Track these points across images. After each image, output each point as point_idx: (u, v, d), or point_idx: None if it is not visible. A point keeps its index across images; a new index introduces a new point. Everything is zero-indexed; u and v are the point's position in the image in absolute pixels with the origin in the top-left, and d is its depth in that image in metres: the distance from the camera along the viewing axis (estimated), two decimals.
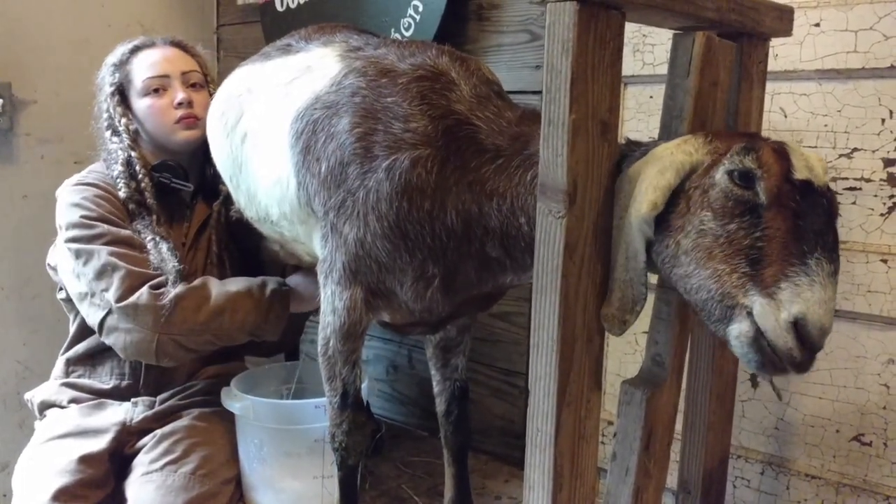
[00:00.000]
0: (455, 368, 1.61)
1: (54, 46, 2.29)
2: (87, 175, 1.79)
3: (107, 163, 1.81)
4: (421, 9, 1.98)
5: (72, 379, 1.84)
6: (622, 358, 1.81)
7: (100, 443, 1.70)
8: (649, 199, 1.00)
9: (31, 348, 2.33)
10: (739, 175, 0.97)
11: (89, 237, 1.65)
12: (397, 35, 2.04)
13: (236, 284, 1.70)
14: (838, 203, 1.03)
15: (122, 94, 1.82)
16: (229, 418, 1.74)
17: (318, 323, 1.45)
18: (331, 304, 1.38)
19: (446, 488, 1.67)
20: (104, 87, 1.83)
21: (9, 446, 2.27)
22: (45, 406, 1.83)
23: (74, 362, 1.86)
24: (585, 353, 1.05)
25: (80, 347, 1.84)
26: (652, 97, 1.70)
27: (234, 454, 1.74)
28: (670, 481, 1.35)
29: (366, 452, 1.51)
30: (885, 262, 1.45)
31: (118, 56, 1.84)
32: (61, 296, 1.83)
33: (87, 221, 1.67)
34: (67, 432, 1.72)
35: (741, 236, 0.96)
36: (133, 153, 1.77)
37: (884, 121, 1.43)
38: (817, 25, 1.48)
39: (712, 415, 1.34)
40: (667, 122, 1.13)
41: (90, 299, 1.65)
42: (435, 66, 1.31)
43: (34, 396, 1.87)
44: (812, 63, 1.49)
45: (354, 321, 1.35)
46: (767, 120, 1.51)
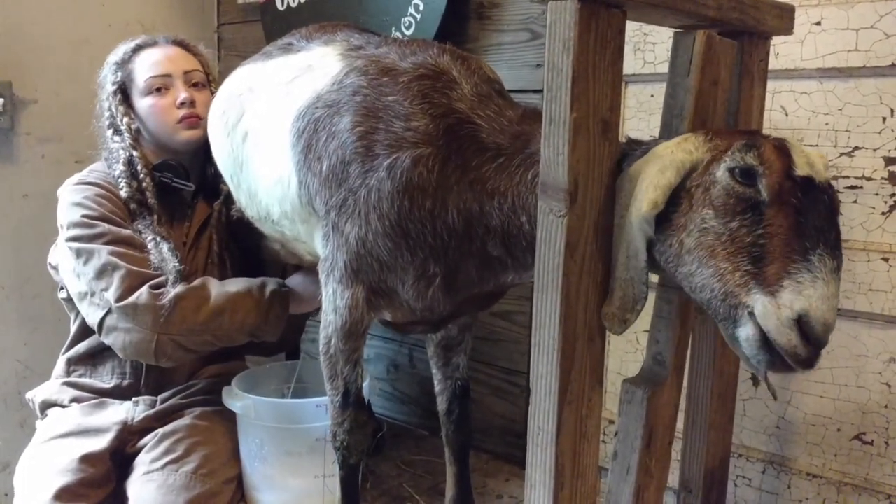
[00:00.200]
0: (456, 367, 1.61)
1: (55, 46, 2.29)
2: (88, 174, 1.79)
3: (108, 162, 1.81)
4: (422, 8, 1.98)
5: (73, 378, 1.84)
6: (623, 357, 1.81)
7: (101, 442, 1.70)
8: (650, 197, 1.00)
9: (31, 348, 2.33)
10: (741, 172, 0.97)
11: (90, 236, 1.65)
12: (398, 34, 2.04)
13: (236, 285, 1.69)
14: (839, 199, 1.03)
15: (124, 93, 1.82)
16: (230, 417, 1.74)
17: (318, 322, 1.45)
18: (332, 303, 1.38)
19: (447, 487, 1.67)
20: (106, 86, 1.83)
21: (10, 446, 2.27)
22: (47, 405, 1.83)
23: (75, 362, 1.86)
24: (587, 351, 1.05)
25: (81, 347, 1.84)
26: (653, 96, 1.70)
27: (235, 453, 1.74)
28: (671, 480, 1.35)
29: (367, 451, 1.51)
30: (887, 260, 1.45)
31: (120, 55, 1.83)
32: (62, 295, 1.83)
33: (88, 221, 1.67)
34: (69, 431, 1.72)
35: (743, 234, 0.96)
36: (135, 152, 1.77)
37: (885, 119, 1.43)
38: (818, 24, 1.48)
39: (713, 414, 1.34)
40: (667, 120, 1.13)
41: (90, 299, 1.65)
42: (436, 65, 1.31)
43: (35, 396, 1.87)
44: (813, 61, 1.49)
45: (356, 320, 1.35)
46: (768, 118, 1.51)
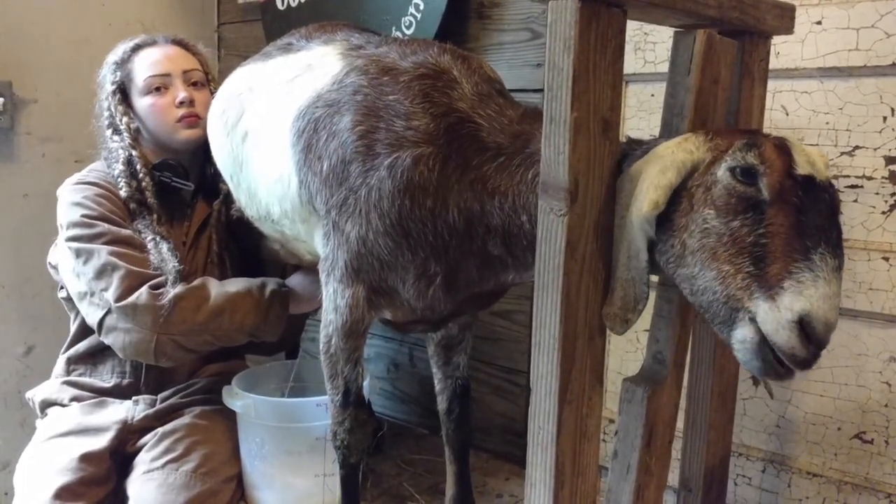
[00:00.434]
0: (457, 366, 1.61)
1: (55, 45, 2.29)
2: (87, 174, 1.79)
3: (107, 161, 1.80)
4: (422, 7, 1.98)
5: (73, 377, 1.84)
6: (623, 356, 1.81)
7: (101, 441, 1.70)
8: (650, 198, 1.00)
9: (31, 347, 2.33)
10: (742, 171, 0.97)
11: (90, 236, 1.65)
12: (398, 33, 2.04)
13: (236, 285, 1.69)
14: (840, 198, 1.03)
15: (123, 92, 1.82)
16: (230, 416, 1.74)
17: (319, 321, 1.45)
18: (333, 303, 1.38)
19: (447, 486, 1.67)
20: (105, 86, 1.82)
21: (10, 445, 2.27)
22: (47, 404, 1.83)
23: (75, 361, 1.85)
24: (587, 351, 1.05)
25: (81, 346, 1.84)
26: (653, 95, 1.70)
27: (235, 452, 1.74)
28: (672, 479, 1.35)
29: (367, 450, 1.51)
30: (887, 259, 1.45)
31: (119, 54, 1.83)
32: (62, 294, 1.83)
33: (88, 220, 1.67)
34: (69, 430, 1.72)
35: (744, 234, 0.96)
36: (134, 152, 1.77)
37: (885, 118, 1.43)
38: (819, 23, 1.48)
39: (714, 413, 1.34)
40: (668, 119, 1.13)
41: (90, 298, 1.64)
42: (436, 65, 1.31)
43: (35, 395, 1.87)
44: (814, 61, 1.49)
45: (356, 319, 1.35)
46: (769, 118, 1.51)
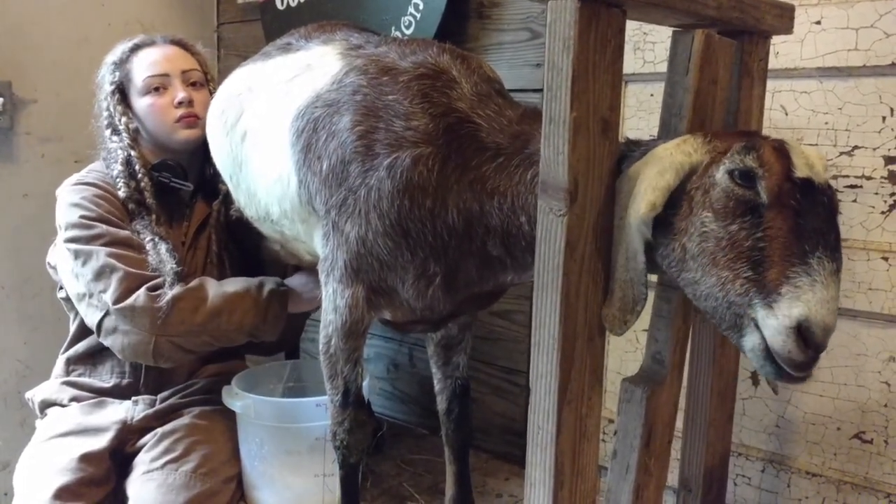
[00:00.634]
0: (456, 366, 1.61)
1: (54, 45, 2.29)
2: (86, 175, 1.79)
3: (106, 162, 1.80)
4: (421, 7, 1.98)
5: (72, 378, 1.84)
6: (623, 356, 1.81)
7: (101, 441, 1.70)
8: (648, 199, 1.00)
9: (31, 347, 2.33)
10: (740, 174, 0.97)
11: (88, 237, 1.65)
12: (398, 33, 2.04)
13: (234, 285, 1.69)
14: (839, 200, 1.03)
15: (122, 92, 1.82)
16: (230, 416, 1.74)
17: (318, 321, 1.45)
18: (332, 303, 1.38)
19: (447, 486, 1.67)
20: (104, 86, 1.82)
21: (10, 445, 2.27)
22: (46, 405, 1.83)
23: (75, 361, 1.85)
24: (586, 351, 1.05)
25: (81, 346, 1.84)
26: (652, 95, 1.70)
27: (235, 452, 1.74)
28: (671, 479, 1.35)
29: (367, 450, 1.51)
30: (886, 259, 1.45)
31: (118, 55, 1.83)
32: (61, 295, 1.83)
33: (86, 222, 1.67)
34: (68, 431, 1.72)
35: (743, 237, 0.96)
36: (133, 152, 1.77)
37: (884, 118, 1.43)
38: (818, 23, 1.48)
39: (713, 412, 1.34)
40: (666, 119, 1.13)
41: (88, 300, 1.65)
42: (436, 65, 1.31)
43: (35, 395, 1.87)
44: (813, 61, 1.49)
45: (356, 319, 1.36)
46: (768, 118, 1.51)
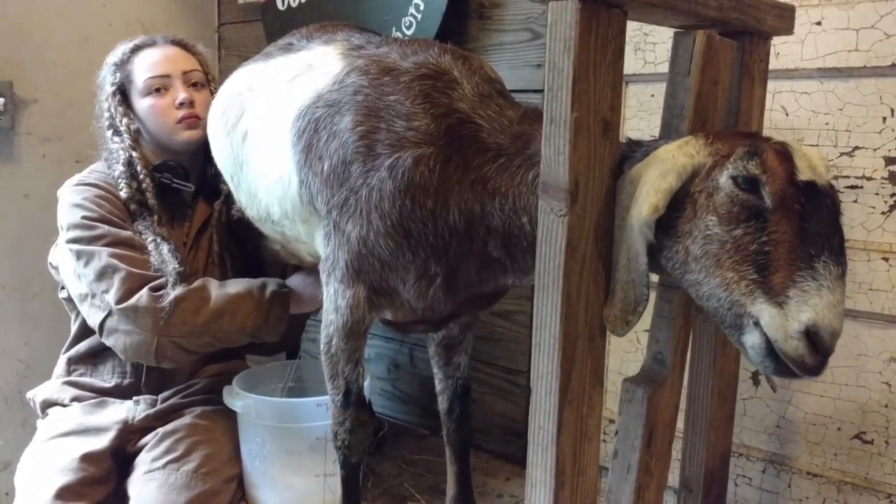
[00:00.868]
0: (457, 367, 1.61)
1: (55, 45, 2.29)
2: (88, 175, 1.79)
3: (108, 163, 1.80)
4: (422, 7, 1.98)
5: (73, 377, 1.85)
6: (623, 356, 1.81)
7: (102, 441, 1.70)
8: (650, 202, 1.00)
9: (32, 347, 2.33)
10: (744, 180, 0.97)
11: (90, 238, 1.65)
12: (399, 34, 2.04)
13: (236, 286, 1.69)
14: (841, 200, 1.03)
15: (123, 93, 1.82)
16: (231, 416, 1.74)
17: (319, 321, 1.45)
18: (333, 303, 1.38)
19: (448, 486, 1.67)
20: (105, 87, 1.82)
21: (11, 445, 2.27)
22: (48, 405, 1.84)
23: (76, 361, 1.86)
24: (587, 351, 1.05)
25: (82, 346, 1.84)
26: (653, 96, 1.70)
27: (236, 452, 1.75)
28: (672, 479, 1.35)
29: (368, 450, 1.51)
30: (887, 260, 1.45)
31: (119, 55, 1.83)
32: (63, 295, 1.83)
33: (88, 222, 1.67)
34: (69, 431, 1.72)
35: (748, 241, 0.96)
36: (134, 153, 1.77)
37: (885, 119, 1.43)
38: (819, 24, 1.48)
39: (714, 413, 1.34)
40: (668, 120, 1.13)
41: (90, 300, 1.65)
42: (437, 65, 1.31)
43: (36, 395, 1.87)
44: (813, 61, 1.49)
45: (357, 319, 1.36)
46: (769, 118, 1.51)
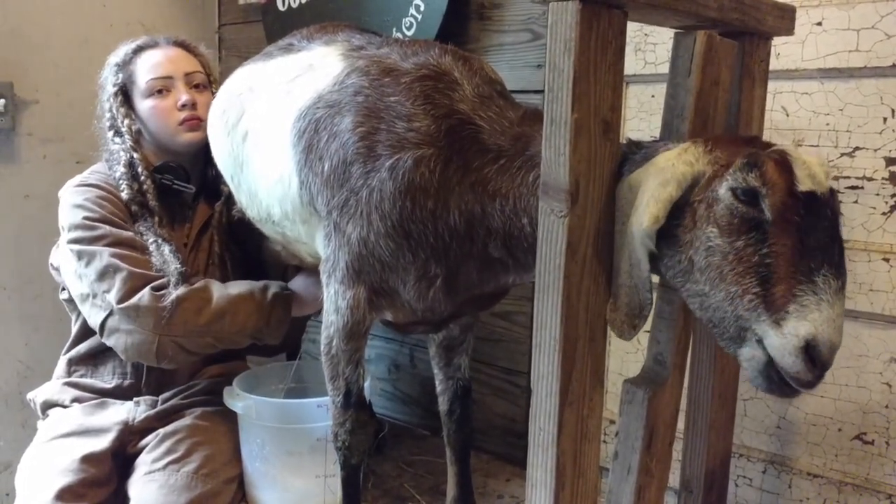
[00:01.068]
0: (458, 367, 1.61)
1: (56, 46, 2.30)
2: (89, 176, 1.79)
3: (109, 163, 1.80)
4: (422, 8, 1.98)
5: (74, 378, 1.85)
6: (624, 357, 1.81)
7: (102, 442, 1.70)
8: (651, 212, 0.99)
9: (32, 348, 2.33)
10: (743, 192, 0.96)
11: (91, 238, 1.65)
12: (399, 34, 2.04)
13: (238, 287, 1.69)
14: (840, 204, 1.03)
15: (125, 94, 1.81)
16: (231, 417, 1.74)
17: (319, 322, 1.45)
18: (334, 304, 1.38)
19: (448, 487, 1.67)
20: (107, 87, 1.82)
21: (11, 446, 2.27)
22: (48, 406, 1.84)
23: (76, 362, 1.86)
24: (588, 352, 1.05)
25: (83, 347, 1.84)
26: (654, 96, 1.70)
27: (236, 453, 1.75)
28: (672, 480, 1.35)
29: (368, 451, 1.51)
30: (887, 260, 1.45)
31: (121, 56, 1.83)
32: (64, 296, 1.83)
33: (89, 223, 1.67)
34: (70, 432, 1.72)
35: (749, 253, 0.96)
36: (135, 154, 1.76)
37: (886, 119, 1.43)
38: (819, 24, 1.48)
39: (714, 414, 1.34)
40: (668, 121, 1.13)
41: (92, 300, 1.65)
42: (438, 66, 1.31)
43: (36, 396, 1.87)
44: (814, 62, 1.49)
45: (357, 320, 1.36)
46: (769, 119, 1.51)
